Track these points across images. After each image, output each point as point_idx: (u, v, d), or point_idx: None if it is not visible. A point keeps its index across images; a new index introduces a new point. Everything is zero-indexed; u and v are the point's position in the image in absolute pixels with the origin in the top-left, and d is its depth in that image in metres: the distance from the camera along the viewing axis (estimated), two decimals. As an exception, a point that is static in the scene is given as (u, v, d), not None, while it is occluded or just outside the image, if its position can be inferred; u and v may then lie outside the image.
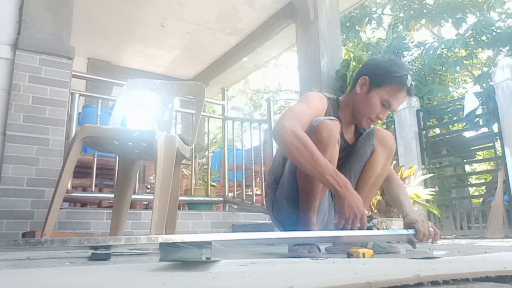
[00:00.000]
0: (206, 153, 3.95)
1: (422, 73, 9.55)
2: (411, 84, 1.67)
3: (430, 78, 9.89)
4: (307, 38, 4.72)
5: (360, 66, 1.85)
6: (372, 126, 1.82)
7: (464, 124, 6.22)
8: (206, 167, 3.86)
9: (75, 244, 0.95)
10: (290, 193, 1.67)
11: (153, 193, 1.79)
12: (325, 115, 1.65)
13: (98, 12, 5.33)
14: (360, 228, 1.36)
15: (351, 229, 1.36)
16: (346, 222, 1.35)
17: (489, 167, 12.53)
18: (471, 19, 10.15)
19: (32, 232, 2.27)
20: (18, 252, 1.55)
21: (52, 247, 0.89)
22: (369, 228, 1.51)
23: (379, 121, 2.11)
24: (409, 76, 1.65)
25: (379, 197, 3.38)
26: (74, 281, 0.71)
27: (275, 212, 1.81)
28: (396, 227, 1.58)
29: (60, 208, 2.21)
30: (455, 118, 7.32)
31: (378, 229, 1.51)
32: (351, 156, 1.75)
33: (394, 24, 10.59)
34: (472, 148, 7.85)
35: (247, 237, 1.13)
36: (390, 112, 1.81)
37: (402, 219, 1.60)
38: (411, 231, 1.44)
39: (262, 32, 5.77)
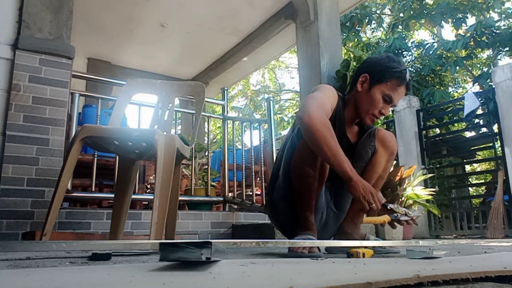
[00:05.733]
0: (206, 153, 3.94)
1: (422, 73, 9.56)
2: (409, 79, 1.73)
3: (430, 78, 9.90)
4: (307, 38, 4.72)
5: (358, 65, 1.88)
6: (374, 126, 1.83)
7: (464, 124, 6.22)
8: (206, 167, 3.85)
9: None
10: (286, 193, 1.67)
11: (153, 193, 1.79)
12: (333, 111, 1.67)
13: (98, 12, 5.32)
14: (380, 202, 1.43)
15: (371, 207, 1.43)
16: (364, 202, 1.42)
17: (489, 167, 12.53)
18: (471, 19, 10.16)
19: (32, 232, 2.27)
20: (18, 252, 1.55)
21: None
22: (393, 215, 1.54)
23: (380, 121, 2.11)
24: (407, 71, 1.71)
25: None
26: (74, 281, 0.71)
27: (273, 212, 1.81)
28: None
29: (60, 208, 2.21)
30: (455, 118, 7.33)
31: (396, 212, 1.53)
32: (352, 156, 1.75)
33: (394, 24, 10.59)
34: (472, 148, 7.86)
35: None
36: (391, 109, 1.83)
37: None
38: (412, 243, 1.44)
39: (262, 32, 5.77)
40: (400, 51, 9.98)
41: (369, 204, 1.42)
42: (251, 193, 3.48)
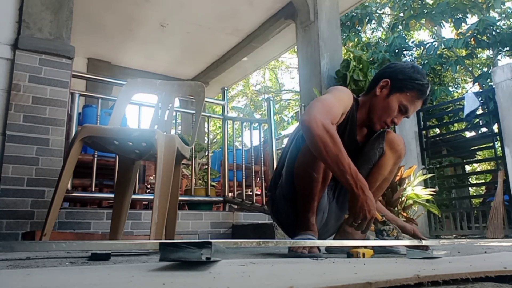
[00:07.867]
0: (206, 153, 3.94)
1: (422, 72, 9.55)
2: (429, 94, 1.70)
3: (430, 78, 9.91)
4: (307, 38, 4.72)
5: (381, 68, 1.85)
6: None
7: (464, 124, 6.22)
8: (206, 167, 3.85)
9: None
10: (288, 193, 1.67)
11: (153, 193, 1.79)
12: (347, 113, 1.64)
13: (98, 12, 5.33)
14: (365, 229, 1.40)
15: (357, 229, 1.40)
16: (355, 221, 1.39)
17: (489, 167, 12.53)
18: (471, 19, 10.17)
19: (32, 232, 2.27)
20: (18, 252, 1.55)
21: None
22: (379, 232, 1.52)
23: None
24: (429, 85, 1.68)
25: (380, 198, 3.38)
26: (74, 281, 0.71)
27: (274, 211, 1.81)
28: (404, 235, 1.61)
29: (60, 208, 2.21)
30: (455, 118, 7.33)
31: (388, 235, 1.52)
32: (359, 157, 1.73)
33: (394, 24, 10.59)
34: (472, 148, 7.87)
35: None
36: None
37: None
38: (415, 242, 1.44)
39: (262, 32, 5.77)
40: (400, 50, 9.97)
41: (355, 222, 1.39)
42: (251, 193, 3.48)
